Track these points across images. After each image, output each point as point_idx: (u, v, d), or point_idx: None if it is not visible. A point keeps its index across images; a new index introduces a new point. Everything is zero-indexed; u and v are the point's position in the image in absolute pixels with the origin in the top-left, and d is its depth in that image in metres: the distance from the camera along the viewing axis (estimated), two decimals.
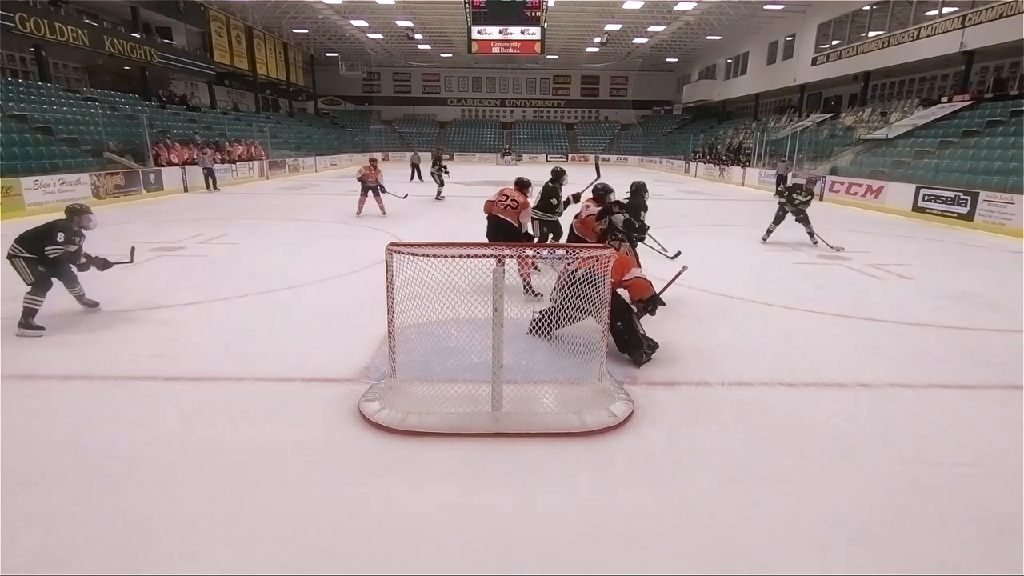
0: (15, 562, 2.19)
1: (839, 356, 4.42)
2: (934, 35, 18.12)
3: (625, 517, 2.52)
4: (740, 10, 25.61)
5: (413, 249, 3.13)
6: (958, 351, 4.61)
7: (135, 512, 2.49)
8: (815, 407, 3.61)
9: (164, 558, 2.24)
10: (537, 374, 3.62)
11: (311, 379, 3.82)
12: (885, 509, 2.60)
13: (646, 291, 4.26)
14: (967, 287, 5.94)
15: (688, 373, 4.05)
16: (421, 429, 3.14)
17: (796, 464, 2.96)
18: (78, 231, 4.83)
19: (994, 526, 2.50)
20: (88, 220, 4.88)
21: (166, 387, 3.72)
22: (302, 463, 2.88)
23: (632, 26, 29.24)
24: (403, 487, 2.70)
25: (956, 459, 3.02)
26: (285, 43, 32.99)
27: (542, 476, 2.82)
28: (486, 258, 3.09)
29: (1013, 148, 13.28)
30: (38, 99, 16.07)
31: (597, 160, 8.05)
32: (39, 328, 4.55)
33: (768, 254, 8.29)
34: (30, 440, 3.04)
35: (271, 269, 7.03)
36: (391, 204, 11.97)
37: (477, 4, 23.37)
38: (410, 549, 2.31)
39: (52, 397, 3.57)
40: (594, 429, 3.17)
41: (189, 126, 21.63)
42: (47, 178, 12.17)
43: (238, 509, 2.52)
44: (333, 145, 33.24)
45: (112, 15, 21.69)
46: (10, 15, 15.28)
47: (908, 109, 19.72)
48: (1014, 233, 10.66)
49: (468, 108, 44.19)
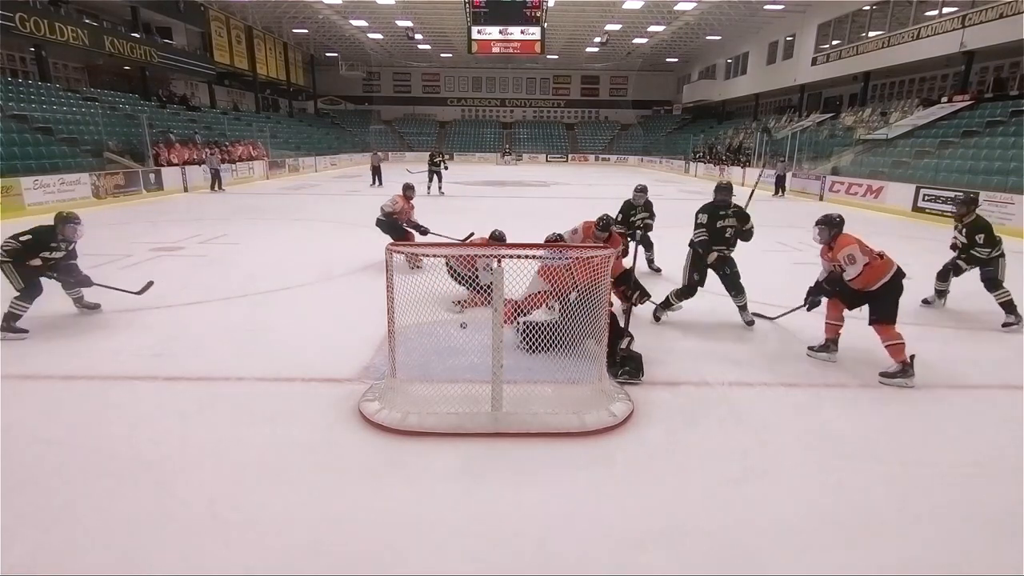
0: (14, 562, 2.19)
1: (839, 356, 4.42)
2: (934, 35, 18.11)
3: (625, 517, 2.52)
4: (740, 10, 25.60)
5: (413, 249, 3.13)
6: (958, 351, 4.61)
7: (135, 512, 2.48)
8: (815, 407, 3.61)
9: (164, 558, 2.23)
10: (537, 374, 3.62)
11: (311, 379, 3.82)
12: (885, 509, 2.60)
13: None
14: (967, 287, 5.92)
15: (688, 373, 4.05)
16: (421, 429, 3.14)
17: (796, 464, 2.96)
18: (61, 241, 4.63)
19: (994, 526, 2.50)
20: (73, 230, 4.65)
21: (166, 387, 3.72)
22: (302, 463, 2.88)
23: (632, 26, 29.23)
24: (403, 487, 2.70)
25: (956, 459, 3.02)
26: (285, 43, 32.98)
27: (542, 476, 2.82)
28: (486, 258, 3.09)
29: (1013, 148, 13.28)
30: (38, 99, 16.07)
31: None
32: (23, 331, 4.48)
33: (768, 254, 8.29)
34: (30, 440, 3.04)
35: (271, 269, 7.03)
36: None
37: (477, 4, 23.35)
38: (410, 549, 2.31)
39: (52, 397, 3.57)
40: (594, 429, 3.17)
41: (189, 126, 21.63)
42: (47, 178, 12.17)
43: (238, 509, 2.52)
44: (333, 145, 33.23)
45: (112, 15, 21.67)
46: (10, 15, 15.27)
47: (908, 109, 19.72)
48: (1014, 233, 10.65)
49: (468, 108, 44.17)
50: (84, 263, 7.18)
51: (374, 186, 18.47)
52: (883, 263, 3.93)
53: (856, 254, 3.86)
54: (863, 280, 3.91)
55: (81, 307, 5.06)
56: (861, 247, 3.91)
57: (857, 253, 3.86)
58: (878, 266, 3.90)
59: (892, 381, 3.84)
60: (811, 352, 4.35)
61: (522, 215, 12.34)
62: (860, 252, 3.87)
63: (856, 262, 3.86)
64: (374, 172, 19.02)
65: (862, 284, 3.94)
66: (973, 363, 4.36)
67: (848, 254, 3.89)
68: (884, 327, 3.91)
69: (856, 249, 3.88)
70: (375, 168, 19.14)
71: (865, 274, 3.88)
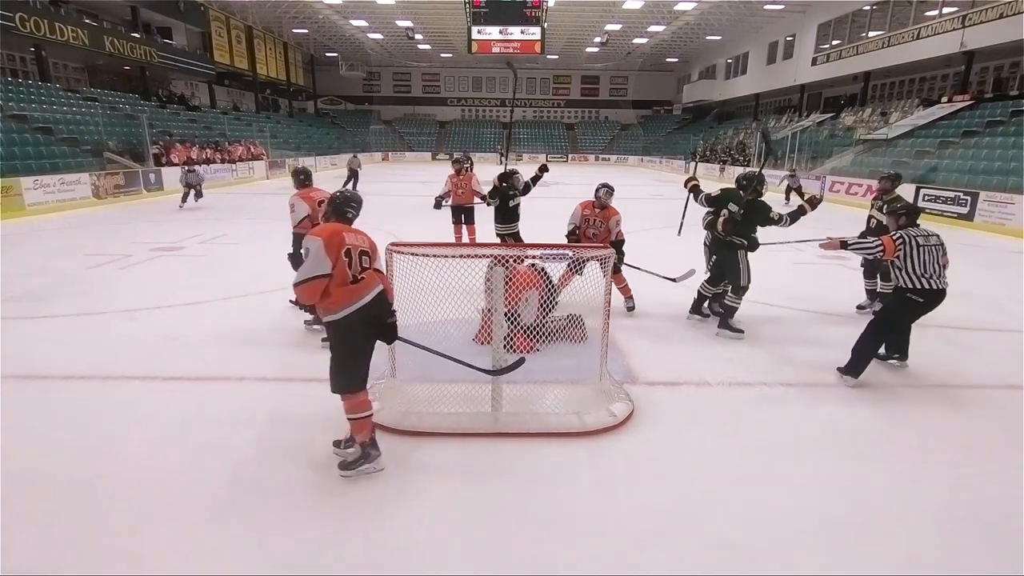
0: (15, 562, 2.19)
1: (839, 356, 4.41)
2: (934, 35, 18.11)
3: (625, 517, 2.52)
4: (740, 10, 25.60)
5: (413, 249, 3.13)
6: (958, 351, 4.61)
7: (135, 512, 2.49)
8: (815, 407, 3.61)
9: (164, 558, 2.24)
10: (537, 374, 3.62)
11: (311, 379, 3.82)
12: (885, 509, 2.60)
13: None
14: (967, 287, 5.93)
15: (688, 373, 4.05)
16: (421, 429, 3.14)
17: (796, 464, 2.96)
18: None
19: (994, 526, 2.50)
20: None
21: (166, 387, 3.72)
22: (302, 463, 2.88)
23: (632, 26, 29.23)
24: (403, 487, 2.70)
25: (956, 459, 3.02)
26: (285, 43, 32.97)
27: (542, 476, 2.81)
28: (486, 258, 3.09)
29: (1013, 148, 13.28)
30: (38, 99, 16.06)
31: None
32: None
33: (768, 254, 8.27)
34: (30, 440, 3.04)
35: (271, 269, 7.02)
36: (395, 205, 11.94)
37: (477, 4, 23.37)
38: (410, 549, 2.31)
39: (52, 397, 3.57)
40: (594, 429, 3.17)
41: (189, 126, 21.64)
42: (47, 178, 12.16)
43: (238, 509, 2.52)
44: (333, 145, 33.23)
45: (112, 15, 21.67)
46: (10, 15, 15.27)
47: (908, 109, 19.72)
48: (1014, 233, 10.65)
49: (468, 108, 44.16)
50: (84, 263, 7.23)
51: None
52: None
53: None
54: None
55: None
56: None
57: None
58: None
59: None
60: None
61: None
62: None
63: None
64: (351, 175, 17.00)
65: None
66: (973, 363, 4.36)
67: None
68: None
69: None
70: (352, 172, 17.11)
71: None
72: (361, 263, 2.66)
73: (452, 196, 7.74)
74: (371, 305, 2.64)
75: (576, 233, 5.31)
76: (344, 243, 2.60)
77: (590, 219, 5.27)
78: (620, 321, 4.97)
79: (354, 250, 2.64)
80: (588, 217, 5.27)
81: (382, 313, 2.72)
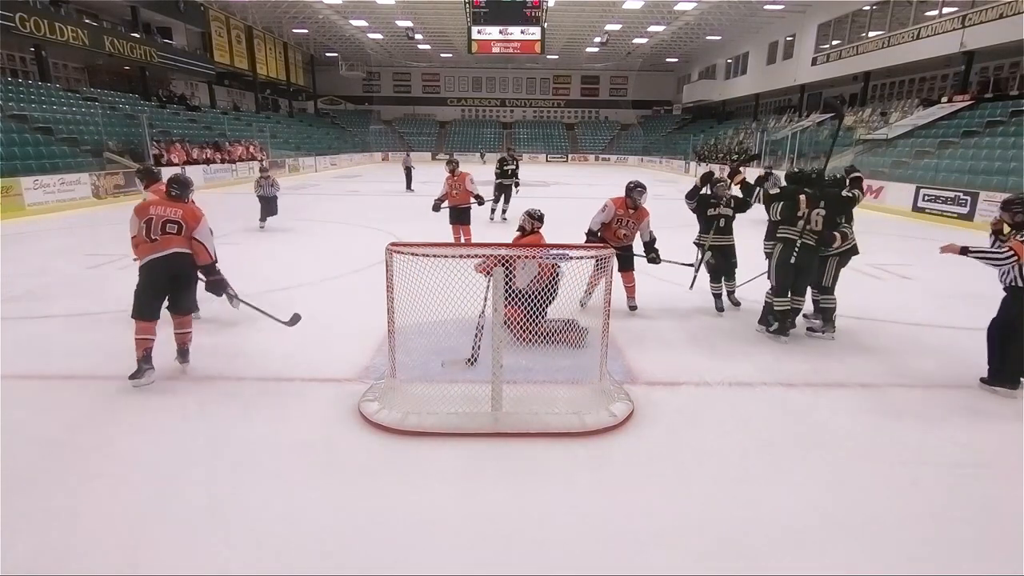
0: (15, 561, 2.19)
1: (839, 356, 4.42)
2: (934, 35, 18.12)
3: (625, 517, 2.52)
4: (740, 10, 25.61)
5: (413, 249, 3.13)
6: (958, 351, 4.60)
7: (135, 512, 2.49)
8: (815, 407, 3.61)
9: (164, 558, 2.23)
10: (537, 374, 3.62)
11: (311, 379, 3.82)
12: (885, 509, 2.59)
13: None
14: (967, 287, 5.93)
15: (688, 373, 4.05)
16: (421, 429, 3.14)
17: (796, 464, 2.96)
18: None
19: (994, 526, 2.50)
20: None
21: (166, 387, 3.72)
22: (302, 463, 2.88)
23: (632, 26, 29.24)
24: (403, 487, 2.70)
25: (956, 459, 3.02)
26: (285, 43, 32.98)
27: (542, 476, 2.82)
28: (486, 258, 3.09)
29: (1013, 148, 13.28)
30: (38, 99, 16.07)
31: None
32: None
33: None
34: (30, 440, 3.04)
35: (271, 269, 7.03)
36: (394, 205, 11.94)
37: (477, 4, 23.35)
38: (410, 549, 2.31)
39: (53, 397, 3.57)
40: (594, 429, 3.17)
41: (189, 126, 21.63)
42: (47, 178, 12.18)
43: (238, 509, 2.52)
44: (333, 145, 33.24)
45: (112, 15, 21.68)
46: (10, 15, 15.28)
47: (908, 109, 19.72)
48: None
49: (468, 108, 44.18)
50: (84, 263, 7.23)
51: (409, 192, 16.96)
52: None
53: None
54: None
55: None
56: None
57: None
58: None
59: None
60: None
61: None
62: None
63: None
64: (407, 173, 17.54)
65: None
66: (973, 363, 4.36)
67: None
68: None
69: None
70: (408, 170, 17.75)
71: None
72: (165, 229, 3.68)
73: (448, 197, 7.78)
74: (165, 259, 3.67)
75: (598, 232, 5.19)
76: (148, 214, 3.72)
77: (623, 219, 5.23)
78: (620, 321, 4.97)
79: (156, 218, 3.69)
80: (621, 217, 5.23)
81: (179, 267, 3.74)
